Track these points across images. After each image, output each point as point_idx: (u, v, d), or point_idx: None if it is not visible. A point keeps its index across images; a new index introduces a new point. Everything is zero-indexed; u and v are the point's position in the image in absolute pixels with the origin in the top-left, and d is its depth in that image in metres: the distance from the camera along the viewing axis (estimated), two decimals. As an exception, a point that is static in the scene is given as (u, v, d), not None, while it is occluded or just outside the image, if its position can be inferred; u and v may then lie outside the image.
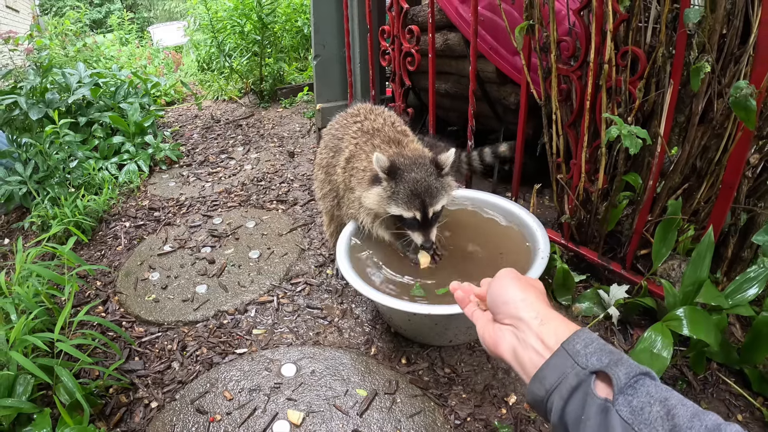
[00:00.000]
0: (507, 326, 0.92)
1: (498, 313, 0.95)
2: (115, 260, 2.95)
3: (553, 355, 0.80)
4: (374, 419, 1.81)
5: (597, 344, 0.78)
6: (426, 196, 1.89)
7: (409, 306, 1.78)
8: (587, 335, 0.80)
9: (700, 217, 2.16)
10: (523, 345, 0.87)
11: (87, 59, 5.51)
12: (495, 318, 0.97)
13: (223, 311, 2.43)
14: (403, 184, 1.90)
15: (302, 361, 2.08)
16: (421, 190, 1.89)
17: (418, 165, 1.94)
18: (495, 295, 0.97)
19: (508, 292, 0.94)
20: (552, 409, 0.78)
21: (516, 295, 0.93)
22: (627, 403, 0.70)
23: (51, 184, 3.47)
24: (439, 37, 3.03)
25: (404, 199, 1.90)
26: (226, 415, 1.87)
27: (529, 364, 0.84)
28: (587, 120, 2.07)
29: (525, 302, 0.91)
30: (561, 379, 0.78)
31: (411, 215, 1.91)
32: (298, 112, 5.34)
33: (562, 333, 0.82)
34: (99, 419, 1.91)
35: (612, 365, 0.74)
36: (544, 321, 0.86)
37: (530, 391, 0.83)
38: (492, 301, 0.98)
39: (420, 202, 1.89)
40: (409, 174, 1.91)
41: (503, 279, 0.98)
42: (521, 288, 0.94)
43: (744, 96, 1.51)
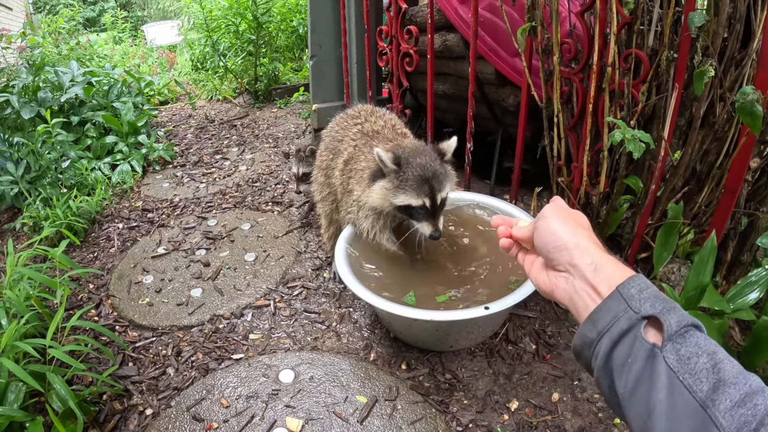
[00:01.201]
0: (562, 273, 0.91)
1: (551, 259, 0.93)
2: (108, 263, 2.90)
3: (608, 298, 0.80)
4: (375, 426, 1.78)
5: (651, 290, 0.77)
6: (434, 182, 1.86)
7: (411, 312, 1.75)
8: (642, 281, 0.79)
9: (700, 221, 2.16)
10: (578, 292, 0.86)
11: (80, 58, 5.45)
12: (547, 262, 0.96)
13: (219, 315, 2.39)
14: (410, 170, 1.86)
15: (300, 367, 2.05)
16: (428, 175, 1.85)
17: (420, 152, 1.91)
18: (545, 239, 0.95)
19: (559, 236, 0.92)
20: (600, 353, 0.78)
21: (569, 240, 0.90)
22: (675, 351, 0.69)
23: (43, 184, 3.41)
24: (438, 38, 3.01)
25: (413, 185, 1.85)
26: (223, 423, 1.83)
27: (583, 309, 0.85)
28: (589, 123, 2.05)
29: (578, 248, 0.89)
30: (613, 322, 0.77)
31: (420, 203, 1.86)
32: (293, 112, 5.30)
33: (617, 278, 0.81)
34: (93, 427, 1.88)
35: (664, 312, 0.73)
36: (599, 268, 0.85)
37: (581, 333, 0.82)
38: (542, 244, 0.95)
39: (429, 188, 1.85)
40: (414, 159, 1.87)
41: (551, 220, 0.95)
42: (572, 230, 0.92)
43: (750, 102, 1.50)
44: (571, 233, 0.91)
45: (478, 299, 1.91)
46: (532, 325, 2.19)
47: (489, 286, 2.00)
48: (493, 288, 1.98)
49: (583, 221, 0.97)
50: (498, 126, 3.15)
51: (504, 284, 1.98)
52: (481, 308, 1.73)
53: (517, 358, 2.05)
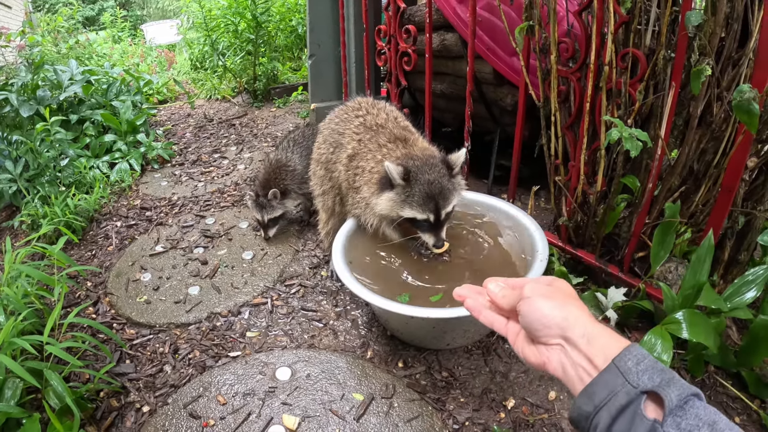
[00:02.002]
0: (554, 346, 0.88)
1: (541, 336, 0.90)
2: (106, 261, 2.90)
3: (604, 371, 0.79)
4: (371, 424, 1.78)
5: (648, 361, 0.76)
6: (439, 198, 1.90)
7: (407, 309, 1.75)
8: (638, 351, 0.78)
9: (697, 219, 2.16)
10: (572, 364, 0.84)
11: (79, 57, 5.45)
12: (536, 339, 0.92)
13: (216, 313, 2.39)
14: (417, 186, 1.90)
15: (297, 365, 2.05)
16: (435, 192, 1.89)
17: (430, 166, 1.94)
18: (532, 319, 0.91)
19: (546, 313, 0.89)
20: (598, 426, 0.77)
21: (556, 316, 0.88)
22: (676, 425, 0.69)
23: (41, 182, 3.41)
24: (436, 37, 3.01)
25: (419, 201, 1.90)
26: (219, 420, 1.83)
27: (578, 382, 0.83)
28: (586, 122, 2.05)
29: (568, 321, 0.86)
30: (610, 397, 0.76)
31: (424, 217, 1.91)
32: (291, 111, 5.30)
33: (612, 349, 0.80)
34: (89, 424, 1.87)
35: (663, 385, 0.73)
36: (592, 339, 0.83)
37: (577, 405, 0.81)
38: (529, 324, 0.92)
39: (434, 205, 1.90)
40: (422, 176, 1.91)
41: (535, 300, 0.92)
42: (559, 305, 0.89)
43: (747, 100, 1.50)
44: (558, 308, 0.89)
45: None
46: (528, 323, 2.19)
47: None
48: None
49: (567, 289, 0.95)
50: (496, 125, 3.16)
51: None
52: (477, 305, 1.73)
53: (514, 357, 2.05)
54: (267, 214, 2.87)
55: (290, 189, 2.97)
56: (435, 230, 1.95)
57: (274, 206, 2.87)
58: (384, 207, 1.98)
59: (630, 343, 0.80)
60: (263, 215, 2.87)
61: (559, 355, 0.87)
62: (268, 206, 2.86)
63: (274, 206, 2.87)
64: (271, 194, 2.84)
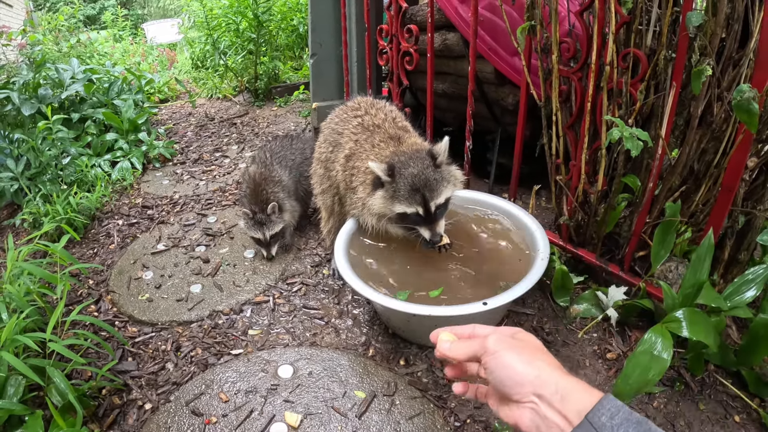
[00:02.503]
0: (526, 404, 0.85)
1: (513, 395, 0.86)
2: (108, 259, 2.91)
3: (577, 427, 0.77)
4: (373, 421, 1.79)
5: (623, 414, 0.75)
6: (425, 190, 1.90)
7: (410, 307, 1.77)
8: (612, 404, 0.76)
9: (697, 219, 2.16)
10: (546, 424, 0.82)
11: (80, 55, 5.45)
12: (508, 396, 0.88)
13: (218, 311, 2.40)
14: (402, 180, 1.91)
15: (299, 363, 2.06)
16: (420, 184, 1.90)
17: (414, 159, 1.95)
18: (500, 376, 0.88)
19: (519, 371, 0.86)
20: None
21: (527, 373, 0.85)
22: None
23: (43, 180, 3.42)
24: (438, 37, 3.02)
25: (405, 195, 1.91)
26: (222, 417, 1.84)
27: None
28: (587, 122, 2.06)
29: (539, 378, 0.84)
30: None
31: (413, 210, 1.92)
32: (293, 111, 5.31)
33: (585, 404, 0.78)
34: (92, 421, 1.89)
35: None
36: (565, 396, 0.81)
37: None
38: (498, 381, 0.88)
39: (420, 197, 1.90)
40: (406, 170, 1.92)
41: (502, 354, 0.89)
42: (527, 361, 0.87)
43: (747, 99, 1.51)
44: (527, 365, 0.86)
45: (474, 296, 1.92)
46: (530, 321, 2.20)
47: (483, 284, 2.02)
48: (487, 286, 2.00)
49: (533, 341, 0.93)
50: (497, 125, 3.16)
51: (495, 285, 2.00)
52: (479, 304, 1.74)
53: (515, 355, 2.05)
54: (268, 230, 2.70)
55: (283, 201, 2.82)
56: (429, 224, 1.96)
57: (274, 221, 2.71)
58: (378, 205, 2.00)
59: (603, 396, 0.79)
60: (264, 232, 2.70)
61: (531, 414, 0.84)
62: (268, 222, 2.70)
63: (274, 221, 2.72)
64: (271, 208, 2.69)
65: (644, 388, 1.60)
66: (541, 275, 1.91)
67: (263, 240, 2.71)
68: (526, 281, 1.85)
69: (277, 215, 2.72)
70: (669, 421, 1.78)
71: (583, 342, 2.11)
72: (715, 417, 1.78)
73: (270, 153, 3.02)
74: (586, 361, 2.02)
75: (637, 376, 1.61)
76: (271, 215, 2.69)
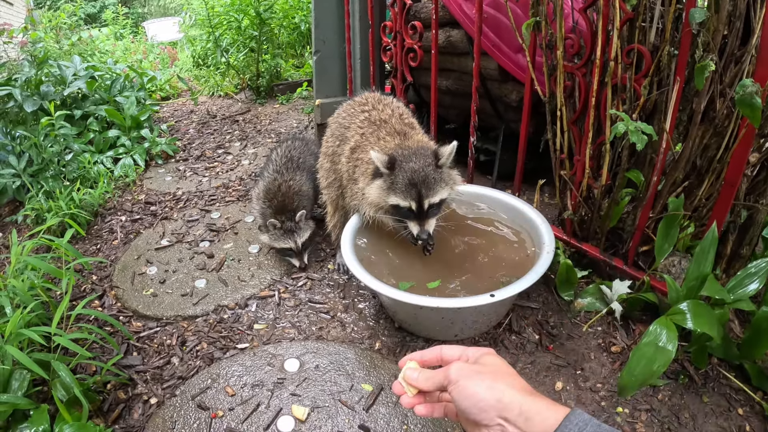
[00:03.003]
0: (494, 428, 0.85)
1: (480, 420, 0.86)
2: (112, 254, 2.92)
3: None
4: (381, 414, 1.80)
5: (591, 427, 0.75)
6: (422, 187, 1.92)
7: (417, 299, 1.78)
8: (580, 418, 0.76)
9: (700, 214, 2.18)
10: None
11: (82, 53, 5.44)
12: (476, 423, 0.87)
13: (223, 306, 2.41)
14: (401, 174, 1.93)
15: (305, 356, 2.07)
16: (418, 180, 1.91)
17: (417, 155, 1.97)
18: (468, 405, 0.87)
19: (481, 397, 0.85)
20: None
21: (489, 398, 0.84)
22: None
23: (45, 177, 3.42)
24: (442, 34, 3.03)
25: (401, 188, 1.93)
26: (228, 411, 1.85)
27: None
28: (591, 117, 2.07)
29: (502, 402, 0.83)
30: None
31: (407, 205, 1.94)
32: (294, 108, 5.32)
33: (551, 422, 0.78)
34: (97, 416, 1.89)
35: None
36: (530, 416, 0.81)
37: None
38: (465, 410, 0.87)
39: (416, 192, 1.92)
40: (407, 164, 1.94)
41: (465, 383, 0.88)
42: (490, 386, 0.86)
43: (749, 94, 1.52)
44: (489, 389, 0.85)
45: (479, 290, 1.94)
46: (534, 315, 2.21)
47: (487, 278, 2.03)
48: (490, 281, 2.01)
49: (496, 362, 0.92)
50: (500, 122, 3.17)
51: (496, 278, 2.02)
52: (486, 296, 1.75)
53: (521, 348, 2.07)
54: (299, 238, 2.60)
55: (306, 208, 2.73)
56: (419, 220, 1.97)
57: (302, 227, 2.63)
58: (373, 194, 2.02)
59: (569, 411, 0.78)
60: (296, 240, 2.59)
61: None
62: (298, 229, 2.61)
63: (303, 227, 2.63)
64: (299, 216, 2.60)
65: (649, 380, 1.61)
66: (547, 268, 1.92)
67: (295, 248, 2.60)
68: (532, 274, 1.87)
69: (305, 222, 2.65)
70: (674, 413, 1.79)
71: (587, 335, 2.12)
72: (718, 410, 1.80)
73: (285, 159, 2.94)
74: (590, 354, 2.04)
75: (642, 368, 1.62)
76: (299, 222, 2.62)
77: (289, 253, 2.64)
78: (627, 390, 1.63)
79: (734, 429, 1.73)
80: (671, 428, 1.75)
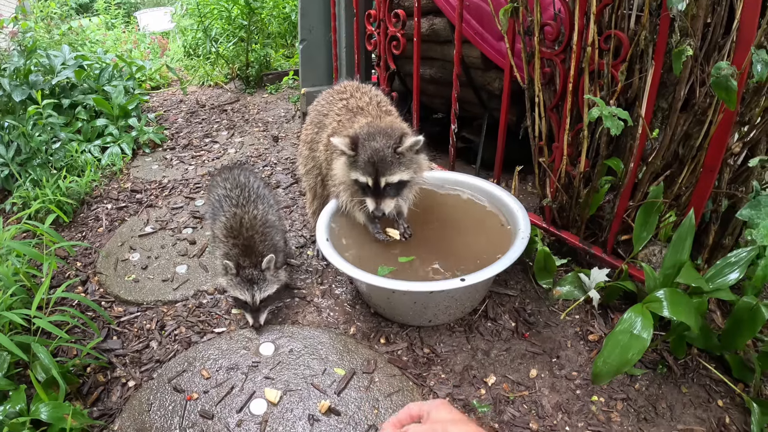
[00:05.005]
0: None
1: None
2: (96, 241, 2.92)
3: None
4: (352, 398, 1.81)
5: None
6: (380, 165, 1.96)
7: (390, 283, 1.79)
8: None
9: (681, 201, 2.18)
10: None
11: (72, 43, 5.41)
12: None
13: (203, 291, 2.42)
14: (362, 152, 1.97)
15: (281, 340, 2.07)
16: (376, 159, 1.95)
17: (381, 135, 1.99)
18: None
19: None
20: None
21: None
22: None
23: (33, 165, 3.42)
24: (425, 22, 3.02)
25: (361, 165, 1.98)
26: (203, 394, 1.86)
27: None
28: (569, 103, 2.07)
29: None
30: None
31: (365, 181, 1.99)
32: (283, 97, 5.31)
33: None
34: (76, 398, 1.90)
35: None
36: None
37: None
38: None
39: (374, 170, 1.96)
40: (369, 143, 1.97)
41: None
42: None
43: (725, 77, 1.51)
44: None
45: (454, 273, 1.95)
46: (512, 303, 2.22)
47: (463, 261, 2.05)
48: (466, 264, 2.02)
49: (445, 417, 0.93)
50: (484, 110, 3.17)
51: (474, 261, 2.03)
52: (456, 280, 1.76)
53: (496, 335, 2.07)
54: (259, 292, 2.08)
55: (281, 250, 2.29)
56: (375, 197, 2.01)
57: (268, 279, 2.09)
58: (339, 171, 2.08)
59: None
60: (254, 294, 2.07)
61: None
62: (260, 280, 2.08)
63: (269, 279, 2.10)
64: (266, 262, 2.07)
65: (624, 368, 1.60)
66: (521, 254, 1.92)
67: (251, 304, 2.08)
68: (505, 259, 1.87)
69: (272, 272, 2.13)
70: (650, 403, 1.79)
71: (564, 324, 2.12)
72: (697, 401, 1.80)
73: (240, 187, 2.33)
74: (567, 342, 2.04)
75: (616, 355, 1.61)
76: (265, 271, 2.10)
77: (243, 307, 2.13)
78: (601, 378, 1.63)
79: (713, 420, 1.73)
80: (648, 418, 1.75)
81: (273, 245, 2.18)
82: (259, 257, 2.09)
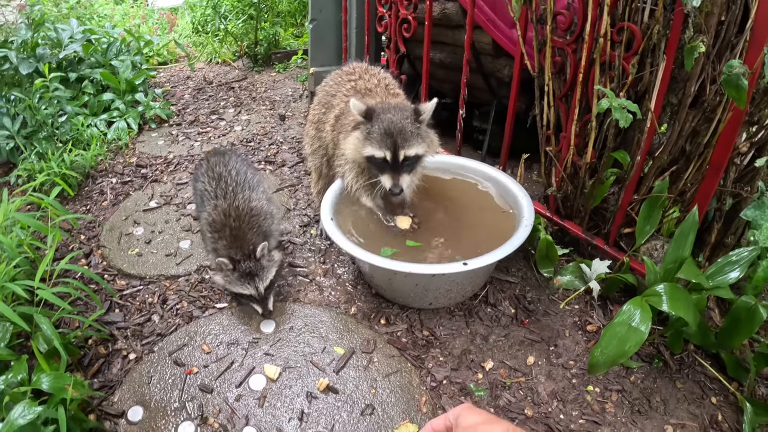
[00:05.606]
0: None
1: None
2: (101, 215, 2.93)
3: None
4: (350, 377, 1.83)
5: None
6: (398, 137, 1.91)
7: (393, 264, 1.79)
8: None
9: (685, 197, 2.18)
10: None
11: (80, 17, 5.37)
12: None
13: (206, 266, 2.43)
14: (377, 123, 1.92)
15: (281, 317, 2.10)
16: (394, 130, 1.90)
17: (396, 109, 1.96)
18: None
19: None
20: None
21: None
22: None
23: (38, 138, 3.42)
24: (437, 6, 2.99)
25: (377, 138, 1.92)
26: (203, 368, 1.88)
27: None
28: (579, 93, 2.06)
29: None
30: None
31: (382, 155, 1.92)
32: (291, 76, 5.29)
33: None
34: (77, 369, 1.92)
35: None
36: None
37: None
38: None
39: (392, 142, 1.90)
40: (384, 115, 1.93)
41: None
42: None
43: (736, 75, 1.51)
44: None
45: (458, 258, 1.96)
46: (512, 289, 2.23)
47: (466, 246, 2.06)
48: (470, 250, 2.03)
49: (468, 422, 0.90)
50: (493, 97, 3.16)
51: (478, 246, 2.03)
52: (459, 264, 1.77)
53: (496, 321, 2.09)
54: (262, 282, 2.03)
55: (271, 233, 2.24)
56: (393, 172, 1.95)
57: (266, 266, 2.05)
58: (351, 147, 2.01)
59: None
60: (257, 285, 2.02)
61: None
62: (259, 269, 2.03)
63: (266, 266, 2.05)
64: (260, 250, 2.03)
65: (620, 359, 1.62)
66: (524, 241, 1.93)
67: (257, 296, 2.04)
68: (508, 246, 1.88)
69: (268, 258, 2.08)
70: (645, 396, 1.81)
71: (564, 313, 2.14)
72: (691, 396, 1.81)
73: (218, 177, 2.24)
74: (565, 331, 2.06)
75: (613, 346, 1.63)
76: (261, 259, 2.05)
77: (249, 299, 2.09)
78: (597, 368, 1.65)
79: (706, 417, 1.75)
80: (641, 411, 1.77)
81: (262, 231, 2.14)
82: (250, 246, 2.04)
